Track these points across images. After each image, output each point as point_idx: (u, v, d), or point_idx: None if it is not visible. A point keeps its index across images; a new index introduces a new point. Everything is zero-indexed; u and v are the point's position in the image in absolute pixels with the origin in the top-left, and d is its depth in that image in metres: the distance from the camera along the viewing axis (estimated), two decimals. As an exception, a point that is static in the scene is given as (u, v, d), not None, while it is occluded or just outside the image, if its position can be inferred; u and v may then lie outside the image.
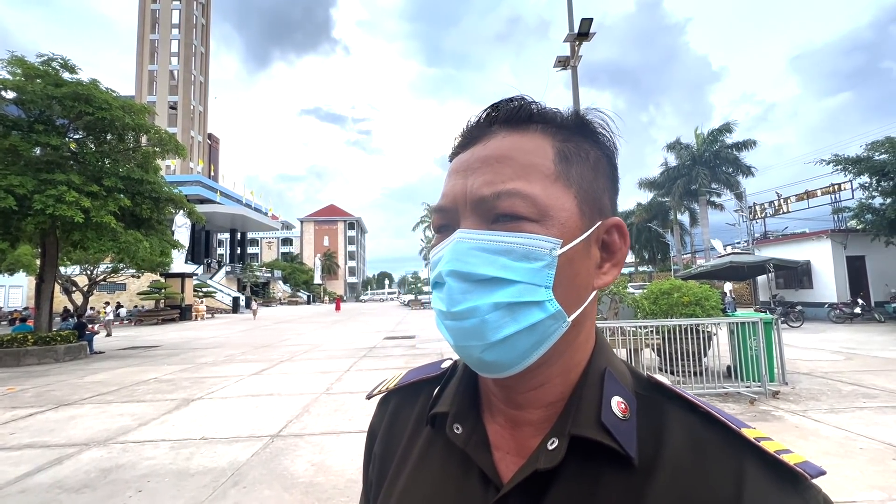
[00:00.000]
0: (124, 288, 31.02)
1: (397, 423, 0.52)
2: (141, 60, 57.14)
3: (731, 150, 27.49)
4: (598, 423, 0.38)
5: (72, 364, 10.22)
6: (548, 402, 0.41)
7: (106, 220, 10.34)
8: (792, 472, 0.35)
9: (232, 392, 6.66)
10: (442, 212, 0.42)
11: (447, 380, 0.49)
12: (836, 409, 4.90)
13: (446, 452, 0.44)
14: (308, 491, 3.29)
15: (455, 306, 0.38)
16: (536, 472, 0.37)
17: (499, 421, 0.43)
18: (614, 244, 0.42)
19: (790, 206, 22.00)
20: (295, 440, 4.41)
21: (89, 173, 10.98)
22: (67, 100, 10.36)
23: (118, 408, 5.92)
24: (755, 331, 5.69)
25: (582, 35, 8.44)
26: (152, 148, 12.54)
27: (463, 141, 0.44)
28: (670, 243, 33.72)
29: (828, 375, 6.60)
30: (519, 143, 0.40)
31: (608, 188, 0.43)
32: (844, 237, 16.11)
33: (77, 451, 4.27)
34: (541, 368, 0.40)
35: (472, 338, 0.37)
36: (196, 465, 3.84)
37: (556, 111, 0.43)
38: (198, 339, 15.25)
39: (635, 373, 0.45)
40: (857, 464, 3.44)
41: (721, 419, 0.39)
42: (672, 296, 6.86)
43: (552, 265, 0.37)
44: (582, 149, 0.42)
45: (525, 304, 0.37)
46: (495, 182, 0.38)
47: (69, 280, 20.18)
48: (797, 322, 13.81)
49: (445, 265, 0.38)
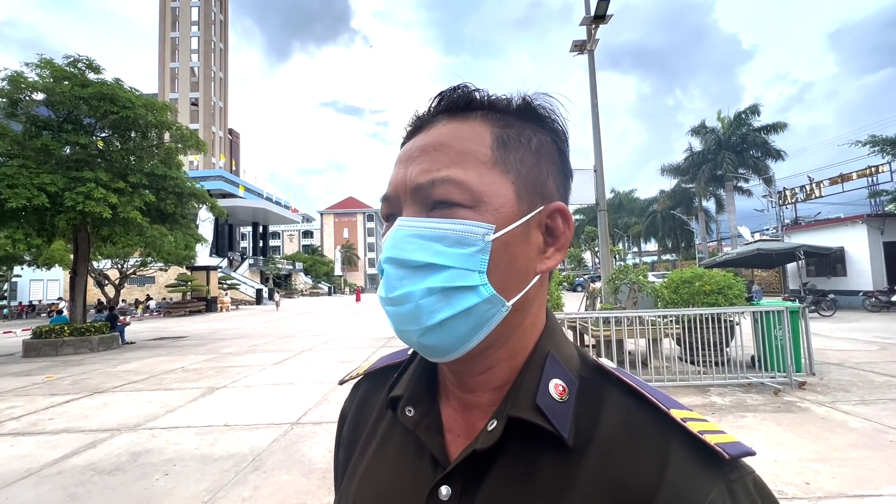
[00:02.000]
0: (153, 281, 32.19)
1: (365, 407, 0.53)
2: (163, 58, 58.37)
3: (759, 134, 26.47)
4: (533, 404, 0.38)
5: (105, 354, 10.70)
6: (495, 386, 0.42)
7: (132, 215, 10.72)
8: (712, 451, 0.35)
9: (254, 381, 6.86)
10: (387, 201, 0.43)
11: (407, 364, 0.50)
12: (867, 400, 4.72)
13: (405, 435, 0.45)
14: (325, 476, 3.37)
15: (392, 292, 0.39)
16: (475, 452, 0.38)
17: (452, 405, 0.45)
18: (557, 228, 0.42)
19: (823, 191, 21.03)
20: (313, 428, 4.52)
21: (115, 170, 11.37)
22: (93, 100, 10.71)
23: (147, 395, 6.17)
24: (780, 320, 5.50)
25: (599, 17, 8.18)
26: (174, 144, 12.86)
27: (410, 130, 0.45)
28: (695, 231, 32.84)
29: (859, 366, 6.35)
30: (457, 130, 0.41)
31: (553, 173, 0.43)
32: (882, 222, 15.34)
33: (109, 435, 4.48)
34: (487, 352, 0.41)
35: (409, 322, 0.39)
36: (219, 450, 3.98)
37: (502, 98, 0.43)
38: (222, 330, 15.72)
39: (584, 356, 0.45)
40: (886, 457, 3.31)
41: (652, 399, 0.39)
42: (693, 284, 6.69)
43: (485, 250, 0.38)
44: (523, 134, 0.42)
45: (459, 289, 0.37)
46: (431, 170, 0.39)
47: (101, 274, 21.04)
48: (829, 311, 13.30)
49: (385, 252, 0.40)
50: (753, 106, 26.77)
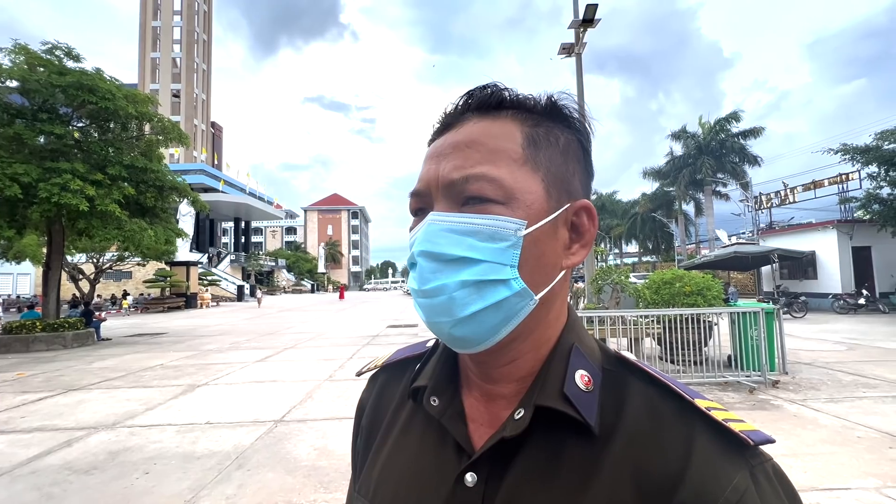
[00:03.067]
0: (130, 276, 31.31)
1: (384, 397, 0.54)
2: (143, 48, 56.75)
3: (737, 139, 27.18)
4: (561, 394, 0.40)
5: (80, 350, 10.37)
6: (519, 377, 0.43)
7: (110, 208, 10.41)
8: (738, 438, 0.37)
9: (237, 378, 6.76)
10: (417, 196, 0.44)
11: (429, 356, 0.51)
12: (836, 398, 4.92)
13: (426, 423, 0.46)
14: (310, 474, 3.36)
15: (425, 284, 0.40)
16: (503, 439, 0.39)
17: (475, 395, 0.46)
18: (583, 225, 0.44)
19: (797, 197, 21.75)
20: (298, 425, 4.48)
21: (93, 162, 11.03)
22: (71, 89, 10.36)
23: (125, 393, 6.02)
24: (756, 321, 5.69)
25: (587, 21, 8.31)
26: (155, 137, 12.55)
27: (439, 128, 0.46)
28: (675, 233, 33.56)
29: (829, 365, 6.61)
30: (489, 128, 0.42)
31: (578, 171, 0.45)
32: (851, 228, 15.96)
33: (85, 434, 4.37)
34: (512, 344, 0.42)
35: (442, 314, 0.40)
36: (201, 448, 3.92)
37: (529, 97, 0.44)
38: (203, 327, 15.42)
39: (604, 349, 0.47)
40: (854, 452, 3.47)
41: (676, 390, 0.41)
42: (674, 285, 6.86)
43: (517, 245, 0.39)
44: (552, 133, 0.43)
45: (491, 283, 0.39)
46: (464, 166, 0.40)
47: (76, 268, 20.38)
48: (800, 312, 13.77)
49: (418, 246, 0.41)
50: (734, 113, 27.46)
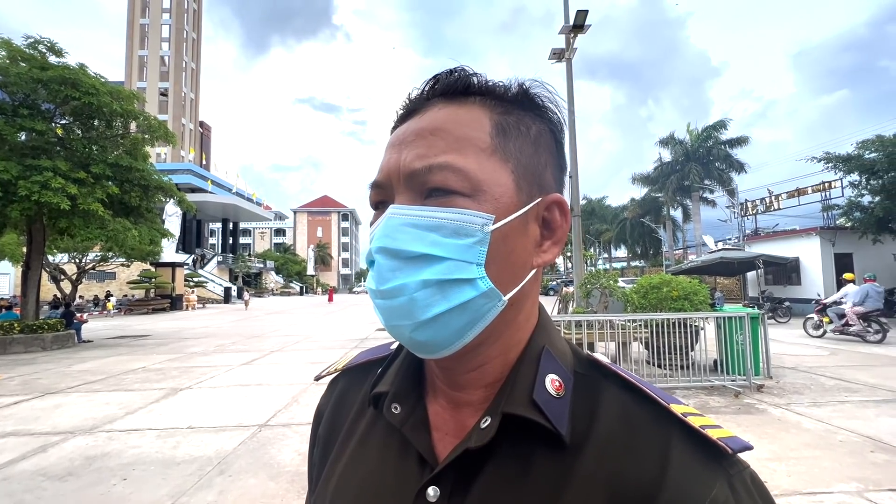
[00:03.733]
0: (114, 277, 30.72)
1: (344, 404, 0.51)
2: (130, 45, 55.94)
3: (723, 147, 27.65)
4: (530, 400, 0.37)
5: (59, 352, 10.11)
6: (487, 383, 0.40)
7: (93, 207, 10.19)
8: (715, 446, 0.35)
9: (221, 382, 6.63)
10: (378, 187, 0.40)
11: (392, 359, 0.48)
12: (819, 402, 4.99)
13: (387, 433, 0.43)
14: (294, 479, 3.29)
15: (384, 284, 0.37)
16: (468, 450, 0.36)
17: (440, 402, 0.43)
18: (555, 221, 0.41)
19: (781, 204, 22.16)
20: (283, 430, 4.40)
21: (76, 160, 10.79)
22: (54, 84, 10.14)
23: (105, 396, 5.87)
24: (742, 325, 5.76)
25: (577, 27, 8.38)
26: (141, 135, 12.33)
27: (403, 114, 0.42)
28: (662, 238, 33.97)
29: (812, 370, 6.71)
30: (455, 114, 0.39)
31: (551, 163, 0.42)
32: (833, 234, 16.30)
33: (62, 439, 4.24)
34: (479, 349, 0.39)
35: (402, 317, 0.37)
36: (182, 453, 3.83)
37: (499, 83, 0.41)
38: (188, 329, 15.15)
39: (576, 352, 0.44)
40: (836, 456, 3.51)
41: (651, 395, 0.39)
42: (661, 290, 6.92)
43: (484, 242, 0.36)
44: (523, 122, 0.40)
45: (455, 282, 0.36)
46: (427, 155, 0.37)
47: (57, 268, 19.91)
48: (784, 317, 14.00)
49: (376, 242, 0.37)
50: (721, 121, 27.97)
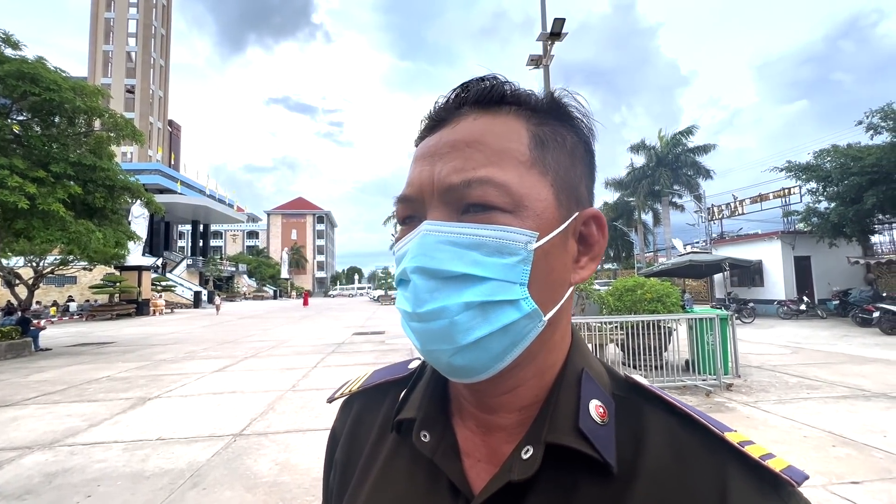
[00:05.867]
0: (75, 281, 29.21)
1: (361, 428, 0.48)
2: (94, 40, 53.56)
3: (691, 154, 28.65)
4: (575, 429, 0.35)
5: (14, 362, 9.56)
6: (521, 406, 0.39)
7: (54, 207, 9.66)
8: (776, 479, 0.33)
9: (192, 390, 6.40)
10: (407, 202, 0.38)
11: (414, 382, 0.46)
12: (784, 399, 5.21)
13: (413, 461, 0.41)
14: (271, 491, 3.20)
15: (422, 307, 0.34)
16: (510, 483, 0.34)
17: (469, 426, 0.41)
18: (592, 236, 0.40)
19: (745, 209, 23.17)
20: (259, 439, 4.28)
21: (35, 158, 10.23)
22: (10, 78, 9.58)
23: (66, 408, 5.57)
24: (712, 326, 5.96)
25: (554, 35, 8.54)
26: (106, 133, 11.80)
27: (430, 123, 0.40)
28: (634, 242, 34.89)
29: (776, 368, 7.01)
30: (491, 125, 0.37)
31: (585, 176, 0.40)
32: (793, 238, 17.12)
33: (18, 455, 3.99)
34: (514, 371, 0.37)
35: (441, 341, 0.34)
36: (152, 466, 3.66)
37: (531, 93, 0.40)
38: (156, 335, 14.56)
39: (612, 372, 0.43)
40: (802, 451, 3.67)
41: (702, 422, 0.37)
42: (636, 292, 7.08)
43: (528, 260, 0.34)
44: (558, 133, 0.39)
45: (498, 304, 0.34)
46: (465, 168, 0.35)
47: (12, 272, 18.80)
48: (749, 318, 14.59)
49: (411, 261, 0.35)
50: (689, 128, 28.98)
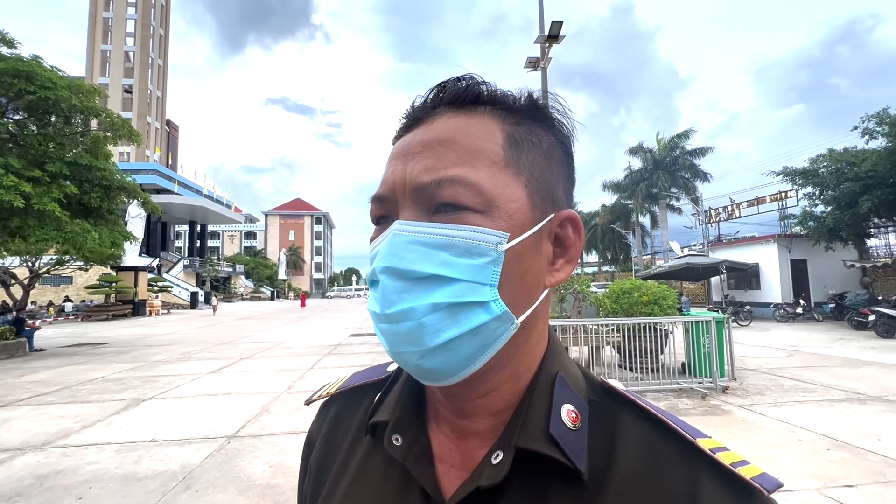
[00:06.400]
0: (70, 281, 29.09)
1: (337, 431, 0.48)
2: (93, 39, 53.44)
3: (688, 157, 28.75)
4: (546, 434, 0.35)
5: (8, 362, 9.50)
6: (496, 411, 0.38)
7: (49, 207, 9.61)
8: (748, 486, 0.33)
9: (187, 391, 6.37)
10: (380, 201, 0.38)
11: (391, 384, 0.45)
12: (779, 402, 5.21)
13: (387, 465, 0.40)
14: (265, 493, 3.18)
15: (390, 308, 0.34)
16: (479, 488, 0.34)
17: (444, 430, 0.40)
18: (568, 238, 0.39)
19: (742, 212, 23.26)
20: (253, 441, 4.26)
21: (31, 157, 10.18)
22: (6, 77, 9.54)
23: (59, 409, 5.53)
24: (708, 329, 5.97)
25: (552, 37, 8.56)
26: (103, 133, 11.75)
27: (406, 123, 0.40)
28: (632, 244, 34.94)
29: (772, 371, 7.02)
30: (465, 125, 0.37)
31: (562, 178, 0.40)
32: (789, 242, 17.18)
33: (10, 456, 3.96)
34: (488, 374, 0.37)
35: (409, 343, 0.34)
36: (144, 468, 3.64)
37: (508, 93, 0.39)
38: (152, 336, 14.50)
39: (588, 376, 0.42)
40: (797, 454, 3.67)
41: (675, 428, 0.37)
42: (632, 295, 7.09)
43: (498, 261, 0.34)
44: (535, 134, 0.38)
45: (467, 305, 0.33)
46: (437, 168, 0.35)
47: (7, 272, 18.71)
48: (746, 321, 14.62)
49: (380, 261, 0.35)
50: (686, 131, 29.09)
